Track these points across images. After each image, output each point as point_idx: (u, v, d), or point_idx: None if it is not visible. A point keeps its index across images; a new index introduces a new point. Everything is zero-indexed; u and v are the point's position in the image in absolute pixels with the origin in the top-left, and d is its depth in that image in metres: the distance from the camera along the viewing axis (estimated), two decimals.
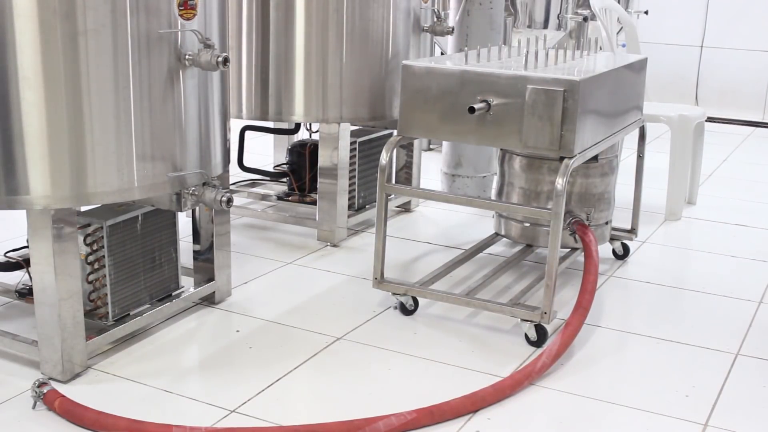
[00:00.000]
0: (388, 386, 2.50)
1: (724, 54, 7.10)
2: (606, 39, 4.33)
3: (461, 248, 3.53)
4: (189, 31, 2.42)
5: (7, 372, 2.48)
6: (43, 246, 2.32)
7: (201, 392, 2.42)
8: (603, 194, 3.32)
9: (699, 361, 2.71)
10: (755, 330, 2.96)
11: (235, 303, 3.01)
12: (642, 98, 3.46)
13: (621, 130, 3.19)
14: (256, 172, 4.19)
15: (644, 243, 3.84)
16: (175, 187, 2.52)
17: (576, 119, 2.63)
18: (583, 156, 2.78)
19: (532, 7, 5.07)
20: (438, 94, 2.80)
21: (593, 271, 2.93)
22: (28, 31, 2.13)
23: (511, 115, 2.70)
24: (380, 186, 2.89)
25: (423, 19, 3.77)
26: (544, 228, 3.23)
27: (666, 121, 4.19)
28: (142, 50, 2.31)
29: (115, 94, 2.27)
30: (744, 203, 4.60)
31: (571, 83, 2.62)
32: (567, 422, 2.34)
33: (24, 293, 2.74)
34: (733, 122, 6.91)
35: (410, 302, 2.97)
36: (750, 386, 2.57)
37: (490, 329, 2.88)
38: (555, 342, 2.62)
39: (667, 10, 7.05)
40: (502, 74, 2.72)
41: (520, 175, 3.23)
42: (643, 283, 3.33)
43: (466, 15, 4.07)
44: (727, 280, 3.43)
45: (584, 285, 2.88)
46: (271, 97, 3.49)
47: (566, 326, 2.70)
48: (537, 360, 2.54)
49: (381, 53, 3.57)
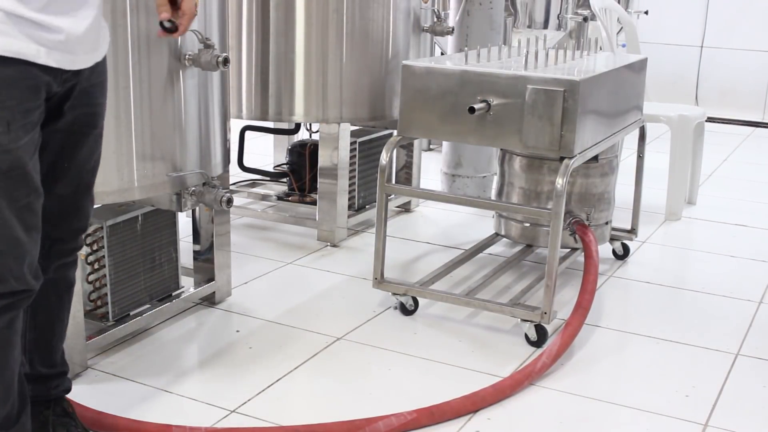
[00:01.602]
0: (388, 386, 2.50)
1: (724, 54, 7.10)
2: (606, 39, 4.32)
3: (461, 248, 3.53)
4: (189, 31, 2.42)
5: None
6: None
7: (201, 392, 2.42)
8: (603, 194, 3.32)
9: (699, 361, 2.71)
10: (755, 330, 2.96)
11: (235, 303, 3.01)
12: (642, 98, 3.46)
13: (621, 130, 3.19)
14: (256, 172, 4.19)
15: (644, 243, 3.84)
16: (175, 187, 2.51)
17: (576, 119, 2.63)
18: (583, 156, 2.78)
19: (532, 7, 5.06)
20: (438, 94, 2.80)
21: (593, 271, 2.93)
22: None
23: (511, 115, 2.70)
24: (380, 186, 2.89)
25: (423, 19, 3.77)
26: (544, 228, 3.23)
27: (666, 121, 4.19)
28: (142, 50, 2.31)
29: (115, 94, 2.27)
30: (744, 203, 4.60)
31: (571, 83, 2.62)
32: (567, 422, 2.34)
33: None
34: (733, 122, 6.91)
35: (410, 302, 2.97)
36: (750, 386, 2.57)
37: (490, 329, 2.88)
38: (555, 342, 2.62)
39: (667, 10, 7.05)
40: (502, 74, 2.72)
41: (520, 175, 3.23)
42: (643, 283, 3.33)
43: (466, 15, 4.07)
44: (727, 280, 3.43)
45: (584, 285, 2.88)
46: (271, 97, 3.49)
47: (566, 326, 2.71)
48: (537, 360, 2.54)
49: (381, 53, 3.56)
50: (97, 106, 1.89)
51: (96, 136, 1.91)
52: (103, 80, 1.89)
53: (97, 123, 1.90)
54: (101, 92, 1.89)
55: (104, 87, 1.91)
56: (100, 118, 1.91)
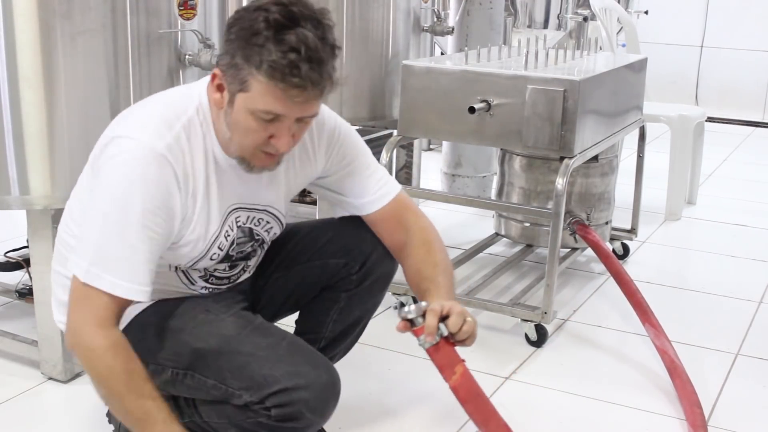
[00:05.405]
0: (388, 386, 2.49)
1: (724, 54, 7.10)
2: (606, 39, 4.32)
3: (461, 248, 3.52)
4: (189, 31, 2.42)
5: (8, 372, 2.48)
6: (43, 246, 2.32)
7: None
8: (603, 194, 3.32)
9: (699, 361, 2.70)
10: (755, 330, 2.96)
11: None
12: (642, 98, 3.46)
13: (621, 130, 3.19)
14: None
15: (644, 243, 3.84)
16: None
17: (576, 119, 2.63)
18: (583, 156, 2.78)
19: (532, 7, 5.06)
20: (438, 94, 2.80)
21: (621, 269, 2.93)
22: (28, 31, 2.13)
23: (511, 115, 2.70)
24: None
25: (423, 19, 3.77)
26: (544, 228, 3.23)
27: (666, 121, 4.19)
28: (142, 50, 2.31)
29: (116, 94, 2.27)
30: (744, 203, 4.59)
31: (571, 83, 2.62)
32: (567, 422, 2.34)
33: (24, 293, 2.74)
34: (733, 122, 6.91)
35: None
36: (750, 386, 2.57)
37: (490, 329, 2.88)
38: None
39: (667, 10, 7.04)
40: (502, 74, 2.72)
41: (520, 175, 3.23)
42: (643, 283, 3.33)
43: (466, 15, 4.07)
44: (727, 280, 3.43)
45: (631, 295, 2.87)
46: None
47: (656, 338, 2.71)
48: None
49: (381, 53, 3.56)
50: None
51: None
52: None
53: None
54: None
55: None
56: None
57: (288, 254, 2.02)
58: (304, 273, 2.02)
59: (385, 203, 1.96)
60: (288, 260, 2.02)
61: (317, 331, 2.07)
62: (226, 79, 1.65)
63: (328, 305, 2.05)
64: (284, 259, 2.02)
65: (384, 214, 1.96)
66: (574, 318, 3.01)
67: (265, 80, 1.58)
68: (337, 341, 2.09)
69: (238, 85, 1.62)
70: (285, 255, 2.02)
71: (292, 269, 2.02)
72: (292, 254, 2.02)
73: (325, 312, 2.05)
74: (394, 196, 1.97)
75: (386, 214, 1.96)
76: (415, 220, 1.98)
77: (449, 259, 1.99)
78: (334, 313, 2.05)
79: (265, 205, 1.87)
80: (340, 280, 2.01)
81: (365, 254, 1.99)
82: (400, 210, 1.97)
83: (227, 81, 1.65)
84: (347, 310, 2.04)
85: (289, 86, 1.58)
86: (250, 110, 1.62)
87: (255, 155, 1.70)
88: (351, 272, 2.00)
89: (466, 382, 1.78)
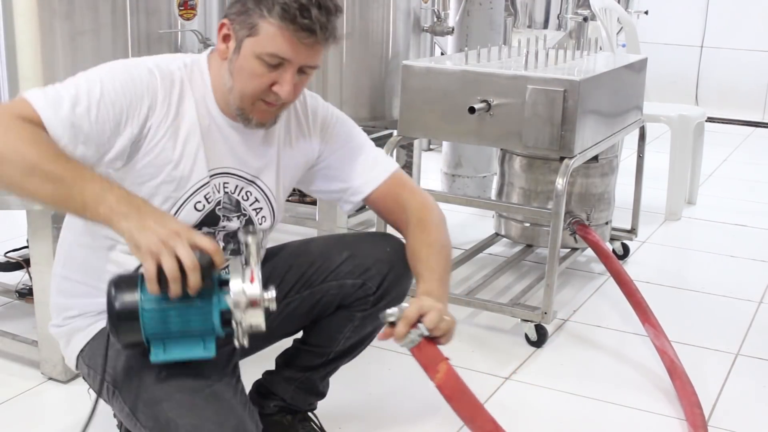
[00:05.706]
0: (388, 386, 2.49)
1: (724, 54, 7.10)
2: (606, 39, 4.32)
3: (461, 248, 3.52)
4: (189, 31, 2.42)
5: (8, 372, 2.48)
6: (43, 246, 2.32)
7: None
8: (603, 194, 3.32)
9: (699, 361, 2.70)
10: (755, 330, 2.96)
11: None
12: (642, 98, 3.46)
13: (621, 130, 3.19)
14: None
15: (644, 243, 3.84)
16: None
17: (576, 119, 2.63)
18: (583, 156, 2.78)
19: (532, 7, 5.06)
20: (438, 94, 2.80)
21: (622, 270, 2.92)
22: (28, 31, 2.13)
23: (511, 115, 2.70)
24: None
25: (423, 19, 3.77)
26: (544, 228, 3.23)
27: (666, 121, 4.19)
28: (142, 50, 2.31)
29: None
30: (744, 203, 4.59)
31: (571, 83, 2.62)
32: (567, 422, 2.34)
33: (24, 293, 2.74)
34: (733, 122, 6.90)
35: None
36: (750, 386, 2.57)
37: (490, 329, 2.88)
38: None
39: (667, 10, 7.04)
40: (502, 74, 2.72)
41: (520, 175, 3.23)
42: (643, 283, 3.32)
43: (466, 15, 4.07)
44: (727, 280, 3.43)
45: (631, 296, 2.86)
46: None
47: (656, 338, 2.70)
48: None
49: (381, 53, 3.56)
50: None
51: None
52: None
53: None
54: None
55: None
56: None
57: (303, 275, 1.96)
58: (320, 294, 1.96)
59: (381, 181, 1.93)
60: (303, 281, 1.96)
61: (328, 346, 2.03)
62: (234, 27, 1.67)
63: (342, 323, 2.00)
64: (299, 279, 1.96)
65: (382, 193, 1.93)
66: (574, 318, 3.01)
67: (277, 22, 1.61)
68: (346, 354, 2.06)
69: (247, 30, 1.65)
70: (300, 276, 1.96)
71: (308, 291, 1.96)
72: (307, 275, 1.96)
73: (338, 330, 2.00)
74: (390, 174, 1.94)
75: (384, 193, 1.93)
76: (411, 198, 1.94)
77: (445, 234, 1.92)
78: (348, 331, 2.00)
79: (253, 175, 1.82)
80: (356, 300, 1.95)
81: (382, 274, 1.93)
82: (397, 188, 1.94)
83: (236, 28, 1.67)
84: (361, 327, 2.00)
85: (299, 28, 1.61)
86: (257, 54, 1.64)
87: (255, 106, 1.70)
88: (368, 293, 1.94)
89: (450, 379, 1.77)
